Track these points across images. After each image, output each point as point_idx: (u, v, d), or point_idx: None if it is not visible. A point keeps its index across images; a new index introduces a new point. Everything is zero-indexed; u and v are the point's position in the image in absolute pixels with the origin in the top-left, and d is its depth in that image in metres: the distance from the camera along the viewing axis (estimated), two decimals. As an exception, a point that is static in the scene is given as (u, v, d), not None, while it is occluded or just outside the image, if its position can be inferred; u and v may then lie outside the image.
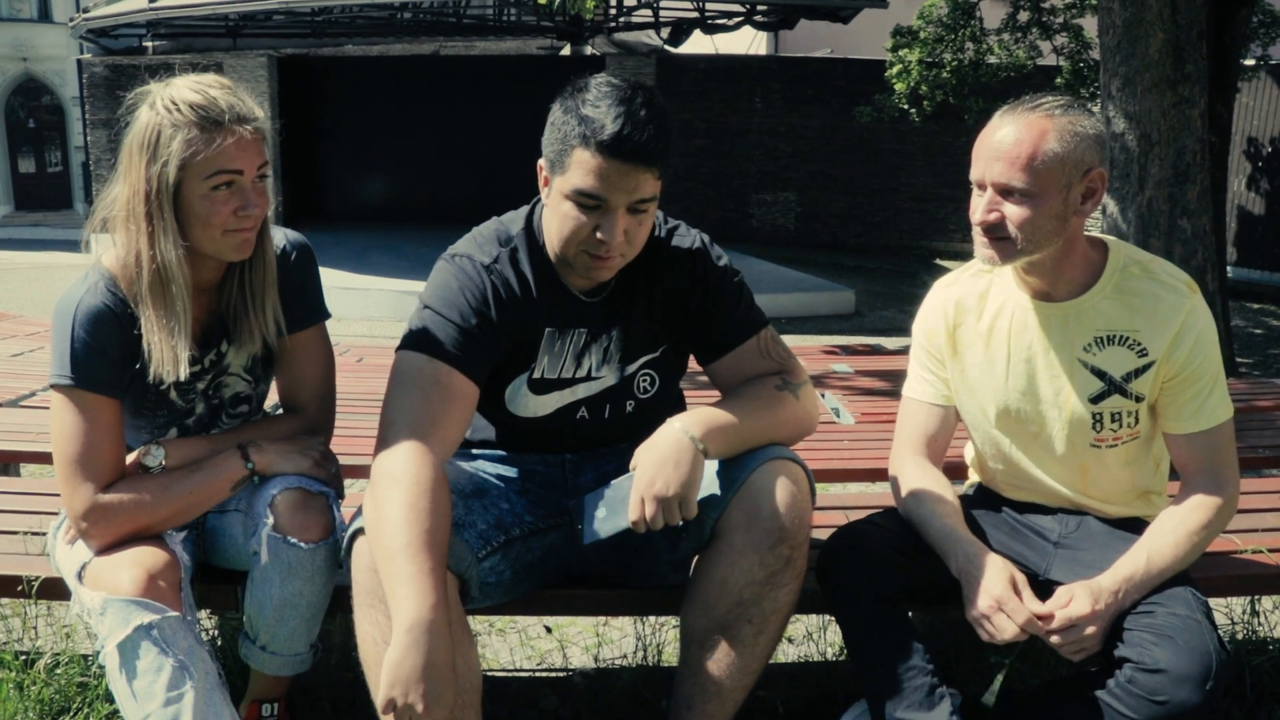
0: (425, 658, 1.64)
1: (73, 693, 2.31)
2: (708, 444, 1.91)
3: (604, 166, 1.82)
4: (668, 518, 1.86)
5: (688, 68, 17.27)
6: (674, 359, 2.17)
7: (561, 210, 1.90)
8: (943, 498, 2.10)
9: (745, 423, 1.98)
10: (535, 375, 2.08)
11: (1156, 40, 6.00)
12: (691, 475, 1.87)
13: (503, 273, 2.00)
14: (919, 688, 1.97)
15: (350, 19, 16.75)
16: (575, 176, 1.85)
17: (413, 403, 1.88)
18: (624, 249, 1.92)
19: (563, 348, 2.07)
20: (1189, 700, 1.76)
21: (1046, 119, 1.93)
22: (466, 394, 1.93)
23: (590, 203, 1.86)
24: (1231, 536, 2.39)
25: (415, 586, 1.68)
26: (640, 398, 2.14)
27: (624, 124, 1.81)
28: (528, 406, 2.11)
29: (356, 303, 11.03)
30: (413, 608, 1.66)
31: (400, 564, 1.70)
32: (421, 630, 1.65)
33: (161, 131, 1.90)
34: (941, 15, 12.21)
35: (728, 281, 2.11)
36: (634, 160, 1.82)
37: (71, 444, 1.95)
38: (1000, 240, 1.96)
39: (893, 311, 11.60)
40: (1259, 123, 13.30)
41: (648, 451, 1.91)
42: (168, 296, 1.95)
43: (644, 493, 1.86)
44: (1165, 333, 2.00)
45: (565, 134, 1.86)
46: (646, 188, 1.86)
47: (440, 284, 2.00)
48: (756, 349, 2.11)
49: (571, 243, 1.91)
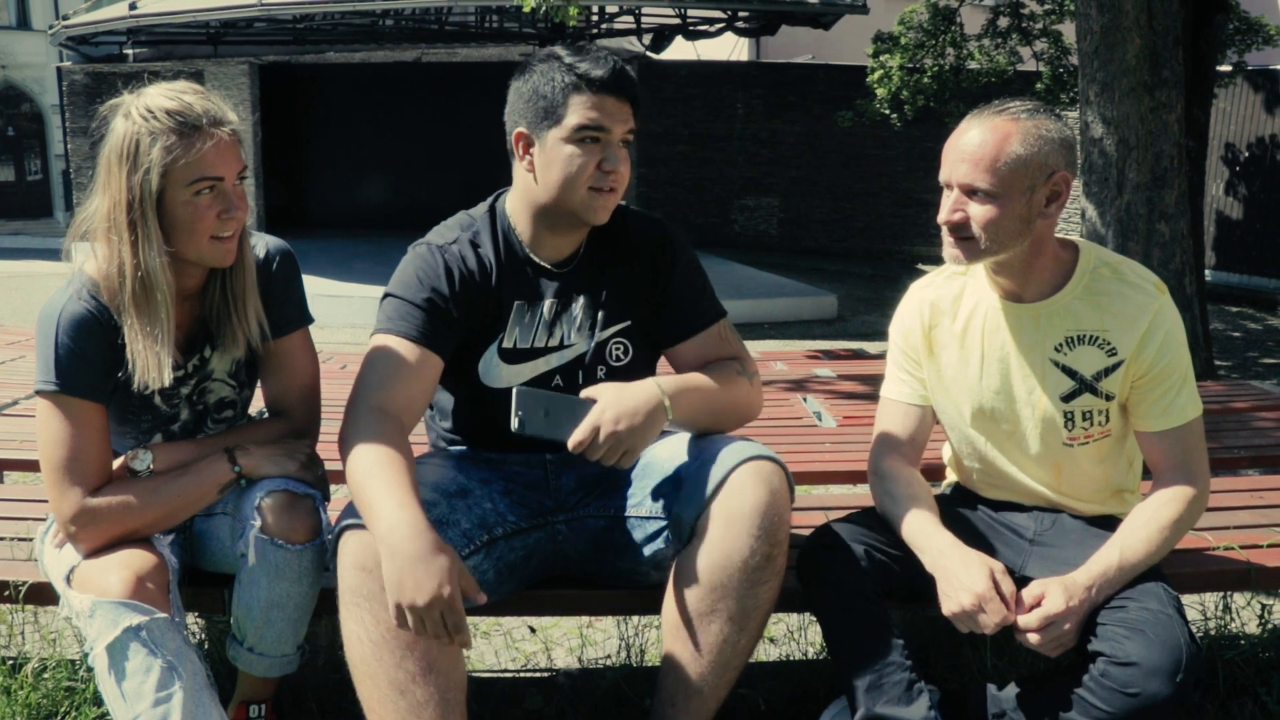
0: (406, 557, 1.73)
1: (60, 697, 2.32)
2: (675, 407, 2.04)
3: (602, 101, 2.02)
4: (607, 457, 1.95)
5: (670, 74, 17.28)
6: (645, 333, 2.23)
7: (565, 154, 2.03)
8: (918, 495, 2.13)
9: (711, 397, 2.12)
10: (505, 345, 2.15)
11: (1134, 46, 6.04)
12: (651, 430, 1.99)
13: (459, 251, 2.13)
14: (898, 683, 2.00)
15: (332, 26, 16.68)
16: (576, 116, 2.01)
17: (369, 376, 2.02)
18: (623, 181, 2.07)
19: (534, 319, 2.15)
20: (1160, 692, 1.79)
21: (1011, 122, 1.97)
22: (427, 362, 2.04)
23: (593, 135, 2.02)
24: (1204, 534, 2.43)
25: (381, 502, 1.80)
26: (613, 365, 2.20)
27: (612, 63, 2.03)
28: (500, 377, 2.16)
29: (340, 310, 11.00)
30: (383, 520, 1.78)
31: (365, 493, 1.84)
32: (396, 535, 1.75)
33: (140, 140, 1.91)
34: (922, 21, 12.26)
35: (695, 262, 2.26)
36: (624, 93, 2.03)
37: (59, 449, 1.97)
38: (965, 240, 2.01)
39: (875, 316, 11.63)
40: (1236, 128, 13.40)
41: (619, 391, 2.01)
42: (151, 304, 1.96)
43: (601, 422, 1.95)
44: (1134, 332, 2.04)
45: (553, 88, 2.02)
46: (632, 120, 2.06)
47: (399, 273, 2.13)
48: (718, 335, 2.24)
49: (579, 183, 2.04)
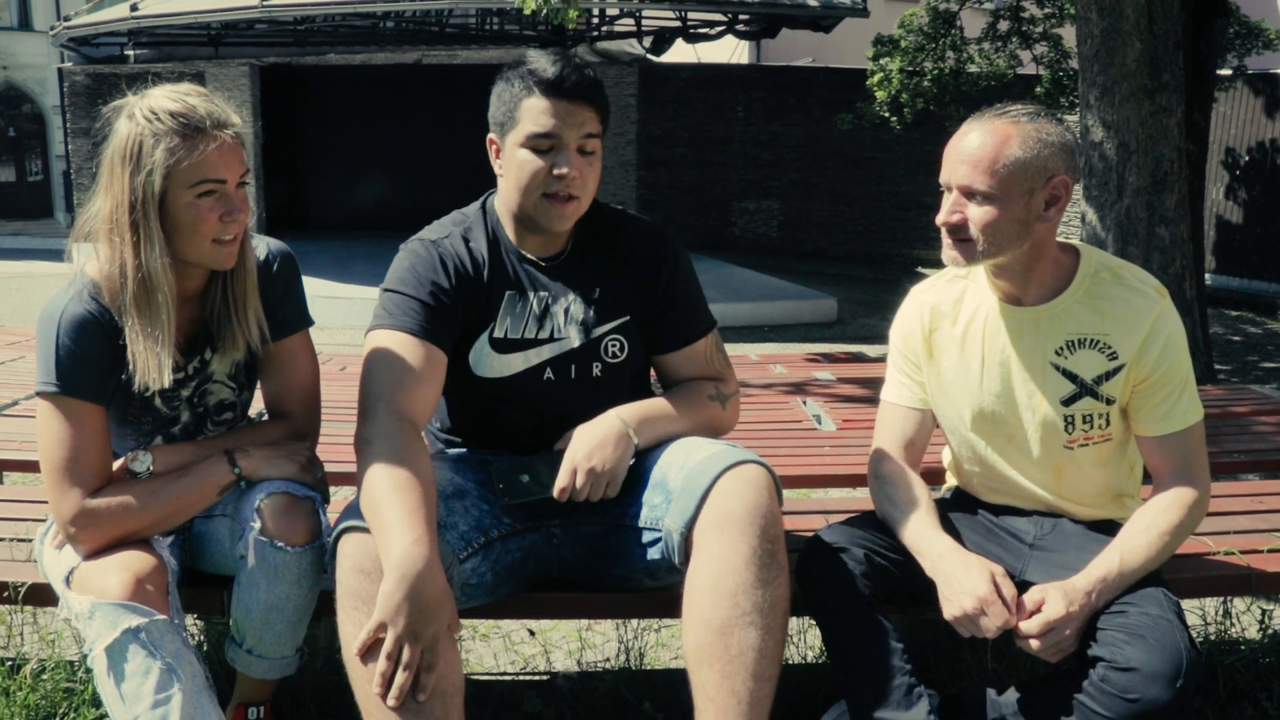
0: (411, 589, 1.74)
1: (59, 698, 2.32)
2: (640, 435, 2.11)
3: (552, 106, 2.02)
4: (592, 492, 2.04)
5: (670, 77, 17.29)
6: (640, 332, 2.24)
7: (518, 160, 2.06)
8: (917, 499, 2.13)
9: (675, 424, 2.17)
10: (496, 334, 2.17)
11: (1134, 50, 6.04)
12: (623, 458, 2.07)
13: (452, 245, 2.16)
14: (897, 688, 2.00)
15: (333, 28, 16.70)
16: (527, 123, 2.03)
17: (382, 375, 2.02)
18: (580, 188, 2.06)
19: (524, 309, 2.17)
20: (1160, 698, 1.79)
21: (1011, 125, 1.97)
22: (434, 359, 2.06)
23: (545, 144, 2.03)
24: (1204, 539, 2.43)
25: (399, 527, 1.79)
26: (609, 361, 2.21)
27: (563, 66, 2.02)
28: (492, 366, 2.18)
29: (339, 311, 11.00)
30: (397, 545, 1.77)
31: (383, 511, 1.83)
32: (409, 563, 1.75)
33: (143, 142, 1.91)
34: (922, 24, 12.27)
35: (692, 270, 2.29)
36: (577, 97, 2.02)
37: (59, 450, 1.97)
38: (963, 242, 2.01)
39: (875, 319, 11.64)
40: (1236, 132, 13.40)
41: (585, 430, 2.10)
42: (152, 306, 1.96)
43: (578, 464, 2.04)
44: (1135, 336, 2.04)
45: (511, 95, 2.05)
46: (591, 124, 2.05)
47: (395, 268, 2.15)
48: (704, 353, 2.29)
49: (531, 189, 2.06)
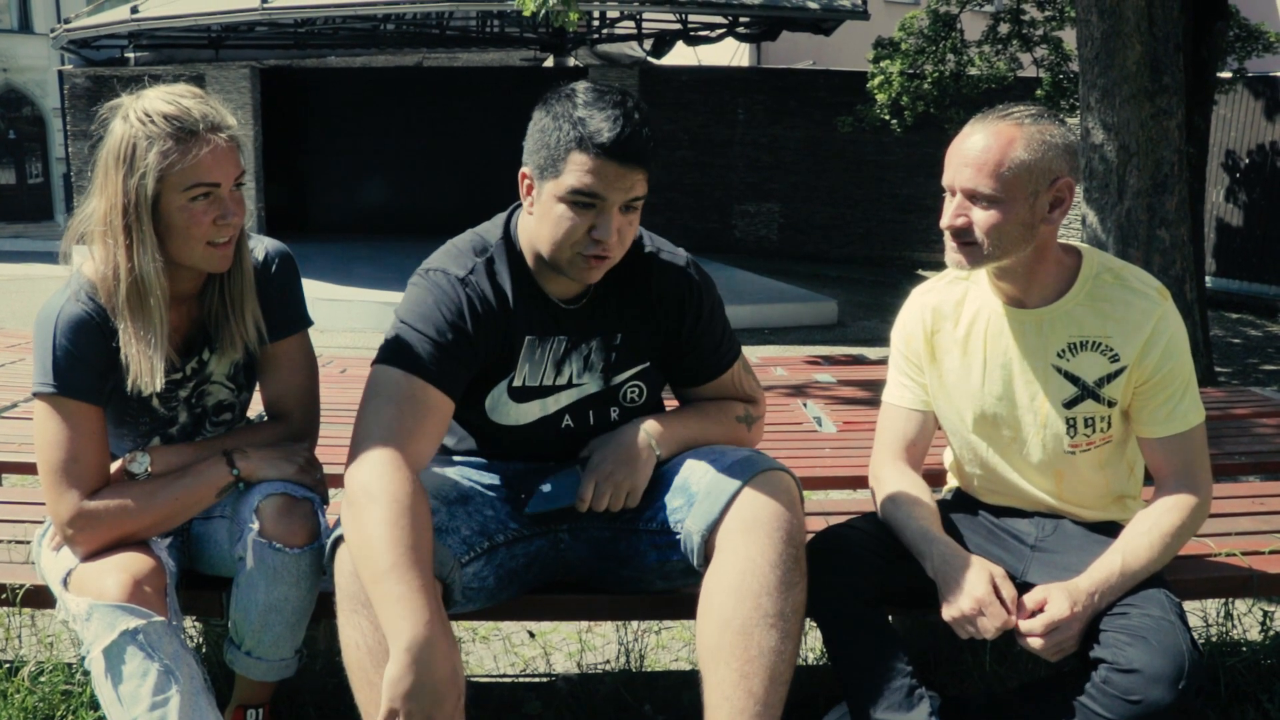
0: (426, 674, 1.66)
1: (57, 700, 2.31)
2: (662, 447, 2.11)
3: (602, 167, 1.86)
4: (613, 504, 2.05)
5: (670, 79, 17.30)
6: (660, 374, 2.21)
7: (555, 213, 1.91)
8: (919, 500, 2.12)
9: (698, 438, 2.15)
10: (515, 384, 2.09)
11: (1134, 52, 6.05)
12: (645, 470, 2.08)
13: (479, 285, 2.02)
14: (898, 689, 1.99)
15: (333, 30, 16.73)
16: (571, 178, 1.87)
17: (387, 417, 1.89)
18: (617, 249, 1.95)
19: (543, 355, 2.09)
20: (1162, 699, 1.78)
21: (1015, 127, 1.96)
22: (441, 408, 1.95)
23: (586, 201, 1.88)
24: (1206, 540, 2.42)
25: (408, 605, 1.68)
26: (627, 406, 2.17)
27: (622, 126, 1.86)
28: (509, 414, 2.12)
29: (339, 314, 11.01)
30: (409, 626, 1.67)
31: (390, 584, 1.70)
32: (420, 648, 1.66)
33: (137, 144, 1.90)
34: (923, 27, 12.30)
35: (718, 307, 2.20)
36: (630, 161, 1.87)
37: (56, 451, 1.96)
38: (967, 245, 2.00)
39: (875, 322, 11.64)
40: (1236, 134, 13.41)
41: (608, 444, 2.10)
42: (146, 309, 1.95)
43: (600, 478, 2.05)
44: (1137, 338, 2.03)
45: (558, 139, 1.88)
46: (640, 187, 1.91)
47: (416, 299, 2.00)
48: (731, 382, 2.24)
49: (565, 245, 1.92)
